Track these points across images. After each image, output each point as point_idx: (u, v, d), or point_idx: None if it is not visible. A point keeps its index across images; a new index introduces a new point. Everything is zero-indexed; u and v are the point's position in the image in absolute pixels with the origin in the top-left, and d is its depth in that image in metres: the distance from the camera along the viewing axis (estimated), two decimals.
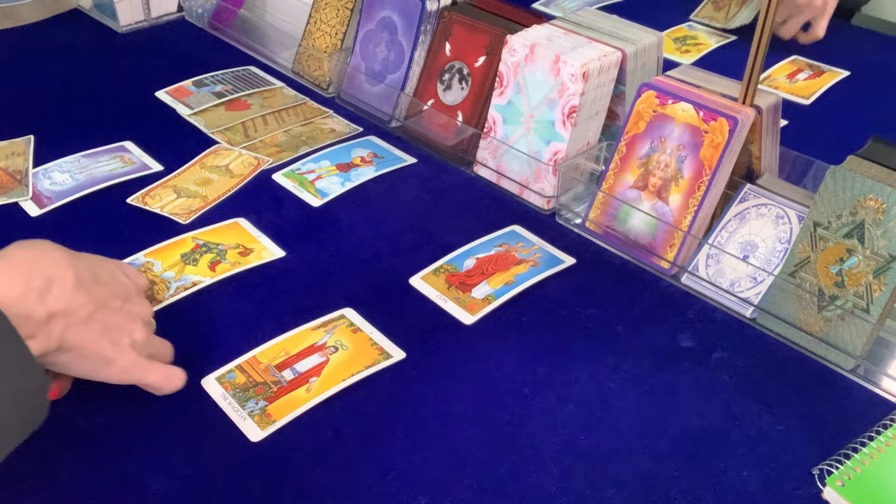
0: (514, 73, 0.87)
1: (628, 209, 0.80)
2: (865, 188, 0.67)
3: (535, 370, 0.68)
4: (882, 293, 0.67)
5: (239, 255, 0.79)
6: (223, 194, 0.87)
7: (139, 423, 0.61)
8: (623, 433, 0.62)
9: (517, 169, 0.89)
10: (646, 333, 0.72)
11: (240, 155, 0.93)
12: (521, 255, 0.81)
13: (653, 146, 0.78)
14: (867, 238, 0.68)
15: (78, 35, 1.26)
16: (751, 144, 0.78)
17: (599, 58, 0.83)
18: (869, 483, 0.58)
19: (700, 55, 1.25)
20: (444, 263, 0.79)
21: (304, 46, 1.12)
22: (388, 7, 1.01)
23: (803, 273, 0.71)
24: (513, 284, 0.76)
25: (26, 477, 0.57)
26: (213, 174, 0.90)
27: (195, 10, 1.30)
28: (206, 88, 1.09)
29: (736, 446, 0.62)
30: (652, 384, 0.67)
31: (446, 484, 0.58)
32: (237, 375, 0.65)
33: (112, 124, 1.00)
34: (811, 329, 0.70)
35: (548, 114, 0.85)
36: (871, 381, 0.68)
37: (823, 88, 1.16)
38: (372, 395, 0.64)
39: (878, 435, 0.61)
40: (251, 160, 0.92)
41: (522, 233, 0.84)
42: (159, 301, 0.72)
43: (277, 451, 0.60)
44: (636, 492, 0.58)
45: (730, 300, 0.75)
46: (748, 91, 0.75)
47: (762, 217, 0.76)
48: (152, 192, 0.87)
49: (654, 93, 0.78)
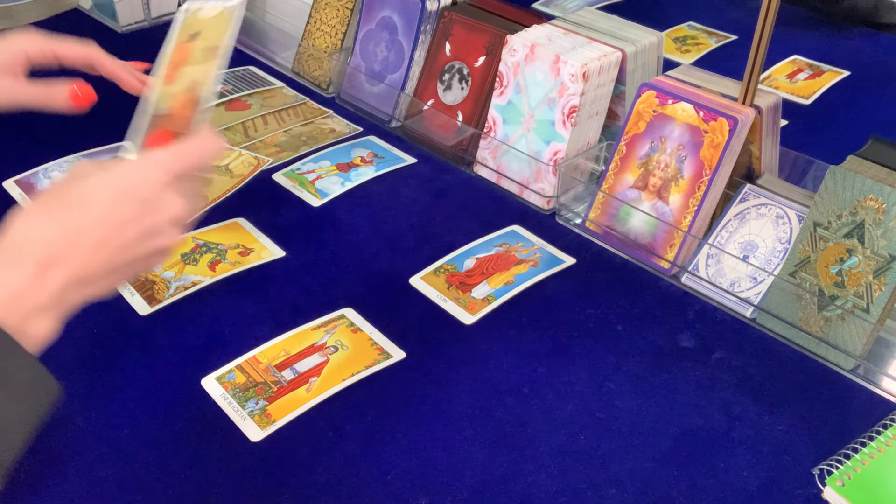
0: (514, 73, 0.87)
1: (628, 209, 0.80)
2: (865, 188, 0.67)
3: (535, 370, 0.68)
4: (882, 293, 0.67)
5: (239, 255, 0.79)
6: (223, 194, 0.87)
7: (139, 423, 0.61)
8: (623, 433, 0.62)
9: (517, 169, 0.89)
10: (646, 333, 0.72)
11: (240, 155, 0.93)
12: (521, 255, 0.81)
13: (653, 146, 0.78)
14: (867, 238, 0.68)
15: (78, 35, 1.26)
16: (751, 144, 0.78)
17: (599, 58, 0.83)
18: (869, 483, 0.58)
19: (700, 55, 1.25)
20: (444, 263, 0.79)
21: (304, 46, 1.12)
22: (388, 7, 1.01)
23: (803, 273, 0.71)
24: (513, 284, 0.76)
25: (26, 477, 0.57)
26: (214, 174, 0.90)
27: None
28: None
29: (736, 446, 0.62)
30: (652, 384, 0.67)
31: (446, 484, 0.58)
32: (237, 375, 0.65)
33: (112, 124, 1.00)
34: (811, 329, 0.70)
35: (548, 114, 0.85)
36: (871, 381, 0.68)
37: (823, 88, 1.16)
38: (372, 395, 0.64)
39: (878, 435, 0.61)
40: (251, 160, 0.92)
41: (522, 233, 0.84)
42: (159, 301, 0.72)
43: (277, 451, 0.60)
44: (636, 492, 0.58)
45: (730, 300, 0.75)
46: (748, 91, 0.75)
47: (762, 217, 0.76)
48: None
49: (654, 93, 0.78)
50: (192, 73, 0.61)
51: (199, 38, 0.63)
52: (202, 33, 0.63)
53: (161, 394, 0.64)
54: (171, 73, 0.62)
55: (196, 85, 0.60)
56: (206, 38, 0.62)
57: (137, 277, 0.75)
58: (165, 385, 0.65)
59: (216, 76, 0.59)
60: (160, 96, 0.61)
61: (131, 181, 0.50)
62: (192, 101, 0.59)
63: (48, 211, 0.49)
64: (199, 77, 0.60)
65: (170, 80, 0.62)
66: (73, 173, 0.51)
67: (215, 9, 0.63)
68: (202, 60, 0.61)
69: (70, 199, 0.49)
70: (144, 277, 0.75)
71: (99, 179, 0.50)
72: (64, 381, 0.65)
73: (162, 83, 0.62)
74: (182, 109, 0.60)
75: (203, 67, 0.60)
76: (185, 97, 0.60)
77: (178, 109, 0.60)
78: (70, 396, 0.63)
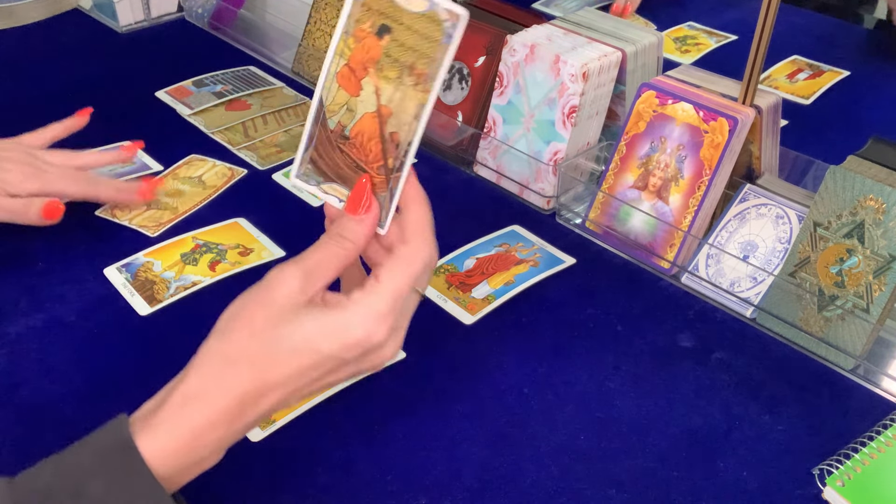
0: (514, 73, 0.87)
1: (628, 209, 0.80)
2: (865, 188, 0.67)
3: (535, 370, 0.68)
4: (882, 293, 0.67)
5: (239, 254, 0.79)
6: (194, 206, 0.85)
7: None
8: (623, 433, 0.62)
9: (517, 169, 0.89)
10: (646, 333, 0.72)
11: (214, 165, 0.92)
12: (521, 255, 0.81)
13: (653, 146, 0.78)
14: (867, 238, 0.68)
15: (78, 35, 1.26)
16: (751, 144, 0.78)
17: (599, 58, 0.83)
18: (869, 483, 0.58)
19: (700, 55, 1.25)
20: (444, 263, 0.79)
21: (304, 46, 1.12)
22: None
23: (803, 273, 0.71)
24: (513, 284, 0.76)
25: None
26: (186, 185, 0.89)
27: (195, 10, 1.30)
28: (206, 88, 1.09)
29: (736, 446, 0.62)
30: (652, 384, 0.67)
31: (446, 484, 0.58)
32: None
33: (112, 124, 1.00)
34: (811, 329, 0.70)
35: (548, 114, 0.85)
36: (871, 381, 0.68)
37: (823, 88, 1.16)
38: (372, 395, 0.64)
39: (878, 435, 0.61)
40: (225, 171, 0.91)
41: (522, 233, 0.84)
42: (159, 301, 0.72)
43: (277, 451, 0.60)
44: (636, 492, 0.58)
45: (730, 300, 0.75)
46: (748, 91, 0.75)
47: (762, 217, 0.76)
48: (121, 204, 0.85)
49: (654, 93, 0.78)
50: (386, 93, 0.46)
51: (392, 36, 0.46)
52: (398, 34, 0.46)
53: None
54: (350, 75, 0.47)
55: (390, 115, 0.45)
56: (405, 46, 0.46)
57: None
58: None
59: (425, 118, 0.44)
60: (335, 101, 0.47)
61: (348, 341, 0.48)
62: (380, 135, 0.45)
63: (256, 366, 0.47)
64: (397, 104, 0.46)
65: (348, 82, 0.47)
66: (281, 311, 0.47)
67: (420, 4, 0.45)
68: (399, 79, 0.45)
69: (282, 357, 0.47)
70: (144, 277, 0.75)
71: (315, 334, 0.47)
72: (64, 380, 0.65)
73: (336, 82, 0.47)
74: (367, 141, 0.47)
75: (406, 93, 0.45)
76: (372, 123, 0.46)
77: (362, 139, 0.47)
78: (70, 396, 0.63)
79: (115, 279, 0.75)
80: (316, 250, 0.50)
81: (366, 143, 0.47)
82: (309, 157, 0.49)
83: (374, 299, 0.48)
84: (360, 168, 0.48)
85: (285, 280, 0.48)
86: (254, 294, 0.49)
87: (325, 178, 0.49)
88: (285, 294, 0.48)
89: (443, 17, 0.45)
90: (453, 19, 0.45)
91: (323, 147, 0.48)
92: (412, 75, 0.46)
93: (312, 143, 0.49)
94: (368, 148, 0.47)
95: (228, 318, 0.49)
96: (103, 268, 0.76)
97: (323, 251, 0.50)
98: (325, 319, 0.48)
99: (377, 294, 0.48)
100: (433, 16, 0.45)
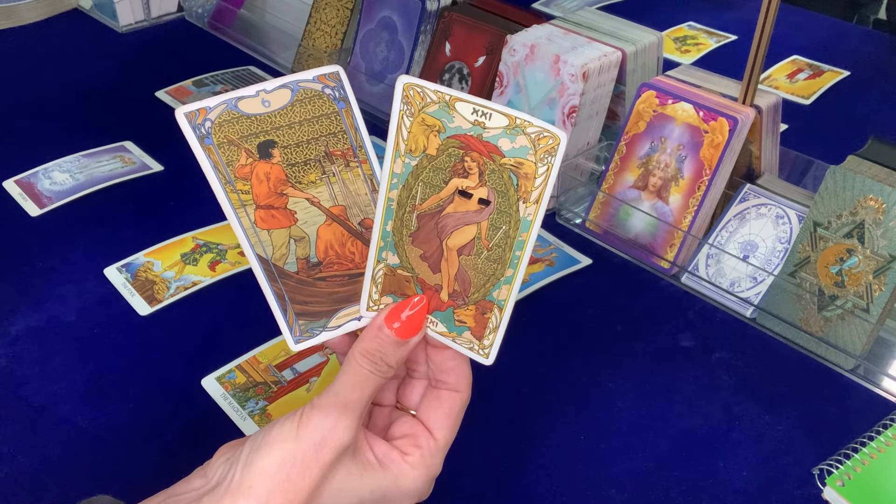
0: (514, 72, 0.87)
1: (628, 209, 0.80)
2: (865, 188, 0.67)
3: (535, 370, 0.68)
4: (882, 293, 0.67)
5: (239, 254, 0.79)
6: None
7: (140, 424, 0.61)
8: (623, 433, 0.62)
9: None
10: (646, 333, 0.72)
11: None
12: (536, 254, 0.80)
13: (653, 146, 0.78)
14: (867, 238, 0.68)
15: (78, 35, 1.26)
16: (751, 144, 0.78)
17: (599, 58, 0.83)
18: (869, 483, 0.58)
19: (700, 55, 1.25)
20: None
21: (304, 46, 1.12)
22: (388, 7, 1.01)
23: (803, 273, 0.71)
24: (527, 283, 0.76)
25: (26, 478, 0.57)
26: None
27: (195, 10, 1.30)
28: (206, 88, 1.09)
29: (736, 446, 0.62)
30: (652, 384, 0.67)
31: (446, 484, 0.58)
32: (237, 375, 0.65)
33: (112, 124, 1.00)
34: (811, 329, 0.70)
35: (548, 113, 0.85)
36: (871, 381, 0.68)
37: (823, 88, 1.16)
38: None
39: (878, 435, 0.61)
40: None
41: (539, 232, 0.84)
42: (159, 301, 0.72)
43: None
44: (636, 492, 0.58)
45: (730, 300, 0.75)
46: (748, 91, 0.75)
47: (762, 217, 0.76)
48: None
49: (654, 93, 0.78)
50: (324, 195, 0.40)
51: (280, 146, 0.39)
52: (284, 139, 0.39)
53: (161, 394, 0.64)
54: (270, 212, 0.40)
55: (344, 210, 0.39)
56: (302, 143, 0.40)
57: (138, 278, 0.75)
58: (165, 385, 0.65)
59: (384, 183, 0.38)
60: (275, 247, 0.40)
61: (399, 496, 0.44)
62: (352, 232, 0.40)
63: None
64: (345, 196, 0.40)
65: (273, 220, 0.40)
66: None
67: (282, 97, 0.38)
68: (324, 173, 0.39)
69: None
70: (144, 277, 0.75)
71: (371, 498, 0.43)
72: (64, 380, 0.65)
73: (259, 229, 0.40)
74: (342, 248, 0.42)
75: (343, 179, 0.40)
76: (332, 231, 0.41)
77: (335, 251, 0.42)
78: (70, 396, 0.63)
79: (115, 279, 0.75)
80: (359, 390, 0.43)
81: (342, 251, 0.42)
82: (293, 314, 0.43)
83: (433, 462, 0.45)
84: (354, 276, 0.43)
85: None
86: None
87: (325, 315, 0.44)
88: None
89: (319, 89, 0.40)
90: (329, 81, 0.40)
91: (300, 293, 0.42)
92: (333, 161, 0.40)
93: (286, 302, 0.42)
94: (349, 252, 0.42)
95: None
96: (103, 268, 0.76)
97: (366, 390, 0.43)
98: (383, 482, 0.43)
99: (435, 457, 0.45)
100: (308, 95, 0.39)
